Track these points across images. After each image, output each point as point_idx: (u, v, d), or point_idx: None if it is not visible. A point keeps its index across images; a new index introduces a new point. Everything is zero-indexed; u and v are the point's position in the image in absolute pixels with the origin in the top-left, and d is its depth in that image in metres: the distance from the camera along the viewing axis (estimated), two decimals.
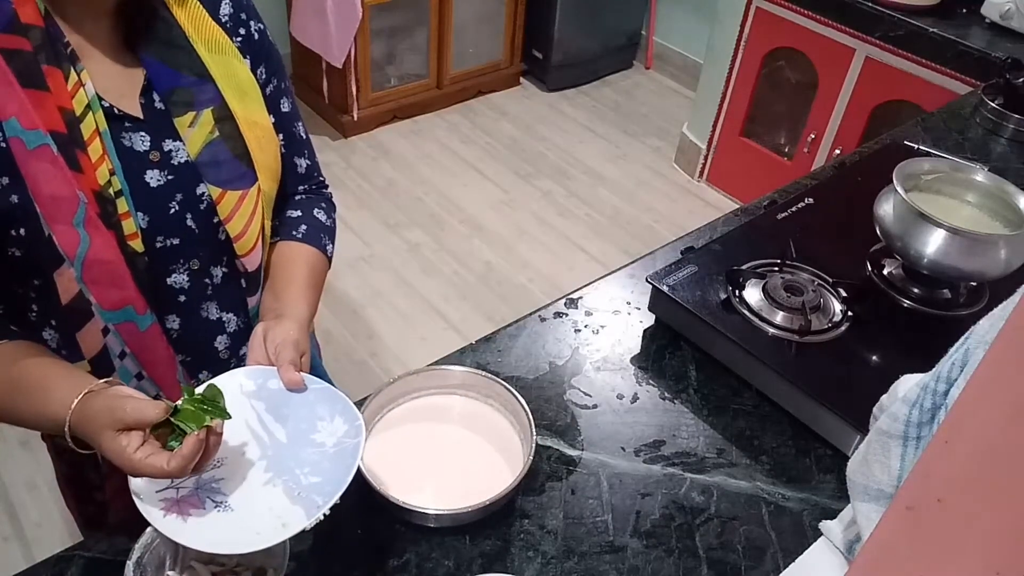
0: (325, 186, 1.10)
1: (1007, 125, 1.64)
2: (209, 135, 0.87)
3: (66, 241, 0.78)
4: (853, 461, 0.83)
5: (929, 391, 0.73)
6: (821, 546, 0.86)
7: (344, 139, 3.29)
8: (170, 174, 0.86)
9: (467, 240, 2.86)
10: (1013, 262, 1.04)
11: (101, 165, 0.80)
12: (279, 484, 0.75)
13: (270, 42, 0.98)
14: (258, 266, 0.95)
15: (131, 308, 0.85)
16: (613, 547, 0.85)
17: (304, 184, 1.05)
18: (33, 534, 1.87)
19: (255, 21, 0.95)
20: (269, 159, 0.93)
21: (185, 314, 0.93)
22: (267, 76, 0.96)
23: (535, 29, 3.59)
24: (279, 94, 0.99)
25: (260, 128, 0.92)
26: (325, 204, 1.07)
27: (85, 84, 0.79)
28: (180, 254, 0.89)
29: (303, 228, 1.01)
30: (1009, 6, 2.21)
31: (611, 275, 1.23)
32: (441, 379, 0.97)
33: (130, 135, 0.84)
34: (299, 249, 0.99)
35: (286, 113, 1.00)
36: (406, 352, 2.39)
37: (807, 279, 1.10)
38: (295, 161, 1.02)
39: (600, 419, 0.99)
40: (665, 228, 2.99)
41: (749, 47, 2.80)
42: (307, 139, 1.05)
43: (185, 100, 0.86)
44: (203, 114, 0.87)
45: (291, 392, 0.82)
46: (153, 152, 0.85)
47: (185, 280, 0.91)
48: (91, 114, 0.80)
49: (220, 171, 0.88)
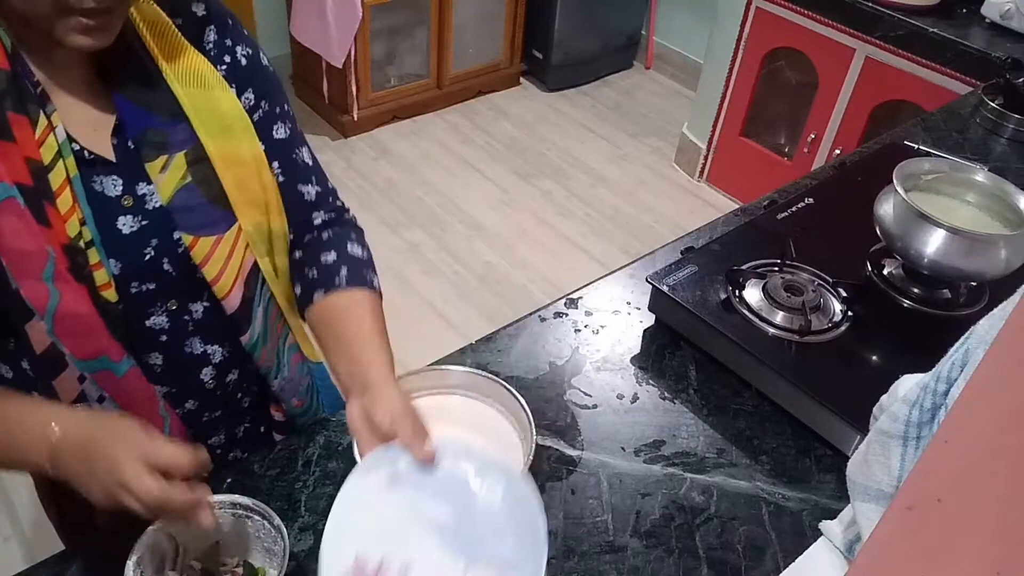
0: (345, 211, 1.01)
1: (1007, 125, 1.64)
2: (181, 180, 0.83)
3: (35, 296, 0.75)
4: (853, 461, 0.83)
5: (929, 391, 0.73)
6: (821, 546, 0.86)
7: (344, 139, 3.29)
8: (144, 219, 0.82)
9: (467, 240, 2.86)
10: (1013, 262, 1.04)
11: (71, 216, 0.76)
12: (479, 565, 0.70)
13: (262, 66, 0.92)
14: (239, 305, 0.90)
15: (106, 357, 0.82)
16: (613, 547, 0.85)
17: (318, 211, 0.97)
18: (33, 534, 1.87)
19: (243, 46, 0.90)
20: (255, 195, 0.88)
21: (167, 351, 0.89)
22: (255, 101, 0.90)
23: (535, 29, 3.59)
24: (271, 120, 0.92)
25: (243, 164, 0.87)
26: (355, 234, 0.99)
27: (56, 127, 0.75)
28: (157, 297, 0.86)
29: (344, 272, 0.92)
30: (1009, 6, 2.21)
31: (611, 275, 1.23)
32: (441, 379, 0.97)
33: (101, 179, 0.80)
34: (352, 299, 0.91)
35: (281, 140, 0.93)
36: (406, 352, 2.38)
37: (807, 279, 1.10)
38: (299, 189, 0.95)
39: (600, 419, 0.99)
40: (665, 228, 2.99)
41: (749, 47, 2.80)
42: (313, 165, 0.97)
43: (157, 142, 0.82)
44: (175, 157, 0.82)
45: (425, 465, 0.74)
46: (125, 197, 0.81)
47: (164, 321, 0.87)
48: (61, 161, 0.76)
49: (193, 216, 0.84)
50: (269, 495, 0.88)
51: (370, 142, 3.30)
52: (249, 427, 1.05)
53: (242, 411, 1.02)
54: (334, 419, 0.98)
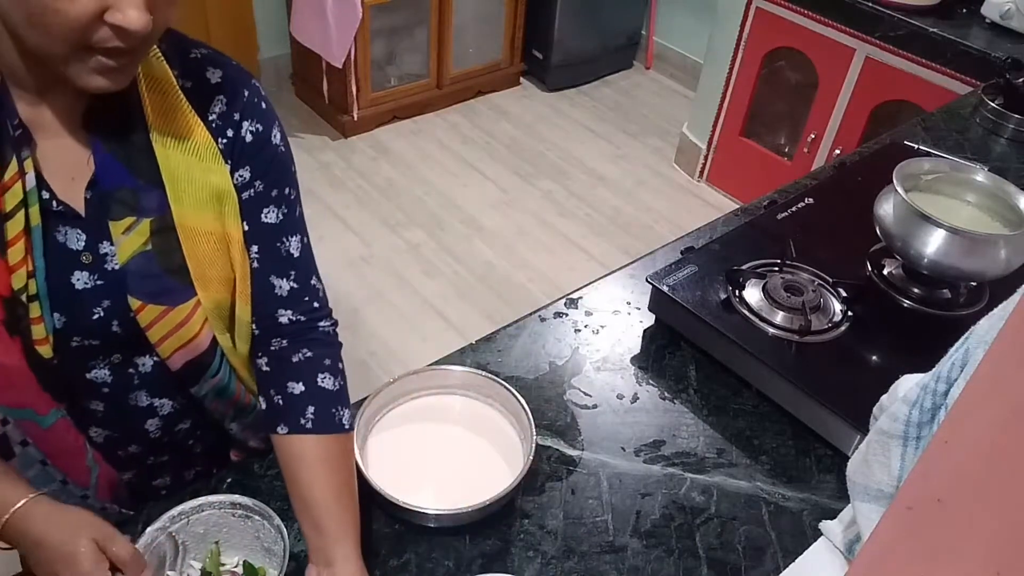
0: (322, 316, 0.90)
1: (1007, 125, 1.64)
2: (141, 246, 0.79)
3: None
4: (853, 461, 0.83)
5: (929, 391, 0.73)
6: (821, 546, 0.86)
7: (344, 139, 3.29)
8: (100, 279, 0.78)
9: (467, 240, 2.86)
10: (1013, 262, 1.04)
11: (20, 268, 0.73)
12: None
13: (271, 145, 0.85)
14: (182, 367, 0.86)
15: (31, 410, 0.79)
16: (613, 547, 0.85)
17: (286, 310, 0.88)
18: None
19: (252, 122, 0.83)
20: (225, 273, 0.84)
21: (110, 400, 0.86)
22: (249, 180, 0.84)
23: (535, 29, 3.59)
24: (263, 202, 0.85)
25: (217, 239, 0.82)
26: (328, 359, 0.89)
27: (27, 174, 0.72)
28: (99, 352, 0.82)
29: (311, 412, 0.84)
30: (1009, 6, 2.21)
31: (611, 275, 1.23)
32: (441, 379, 0.97)
33: (66, 230, 0.76)
34: (317, 449, 0.83)
35: (269, 225, 0.85)
36: (406, 352, 2.39)
37: (807, 279, 1.10)
38: (271, 280, 0.87)
39: (600, 419, 0.99)
40: (665, 228, 2.99)
41: (749, 47, 2.80)
42: (300, 258, 0.88)
43: (127, 203, 0.78)
44: (141, 223, 0.79)
45: None
46: (85, 253, 0.78)
47: (107, 374, 0.84)
48: (23, 210, 0.72)
49: (146, 283, 0.80)
50: (269, 495, 0.88)
51: (370, 142, 3.30)
52: (201, 470, 1.02)
53: (193, 456, 0.99)
54: None
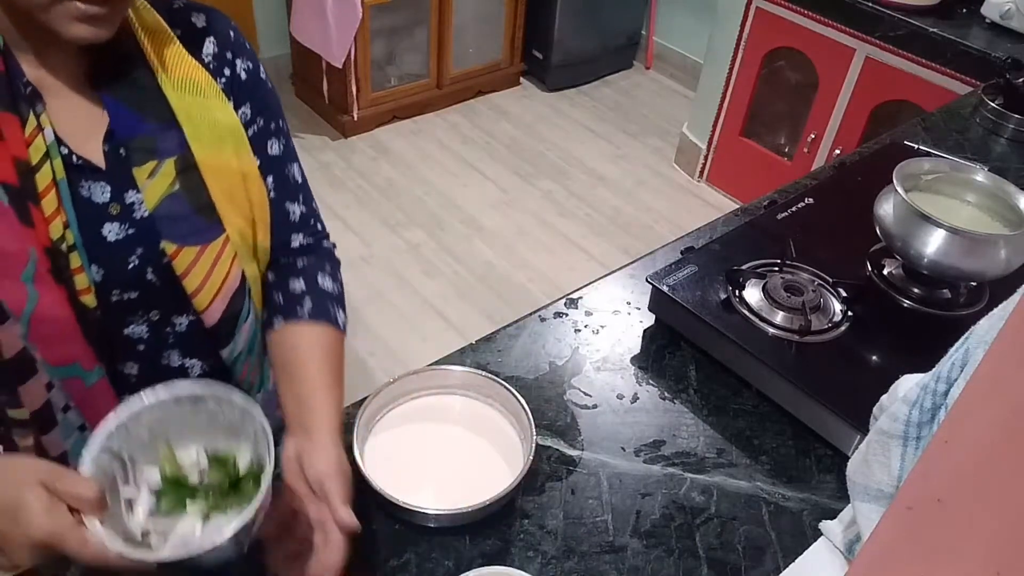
0: (324, 236, 1.00)
1: (1007, 125, 1.64)
2: (169, 187, 0.82)
3: (12, 298, 0.73)
4: (853, 461, 0.83)
5: (929, 391, 0.73)
6: (821, 546, 0.86)
7: (344, 139, 3.29)
8: (130, 228, 0.80)
9: (467, 240, 2.86)
10: (1013, 262, 1.04)
11: (55, 219, 0.75)
12: None
13: (261, 80, 0.91)
14: (219, 320, 0.88)
15: (78, 364, 0.80)
16: (613, 547, 0.85)
17: (299, 233, 0.96)
18: None
19: (243, 60, 0.89)
20: (243, 208, 0.87)
21: (144, 361, 0.87)
22: (251, 116, 0.89)
23: (535, 29, 3.59)
24: (266, 135, 0.91)
25: (233, 174, 0.86)
26: (329, 265, 0.97)
27: (44, 129, 0.74)
28: (138, 307, 0.84)
29: (308, 305, 0.90)
30: (1009, 6, 2.21)
31: (611, 275, 1.23)
32: (441, 379, 0.97)
33: (89, 185, 0.78)
34: (311, 335, 0.88)
35: (275, 156, 0.92)
36: (406, 352, 2.39)
37: (807, 279, 1.10)
38: (286, 207, 0.94)
39: (600, 419, 0.99)
40: (665, 228, 2.99)
41: (749, 47, 2.80)
42: (303, 184, 0.97)
43: (147, 148, 0.80)
44: (165, 164, 0.81)
45: None
46: (113, 204, 0.80)
47: (144, 331, 0.86)
48: (48, 163, 0.74)
49: (178, 226, 0.82)
50: None
51: (370, 142, 3.30)
52: None
53: None
54: None
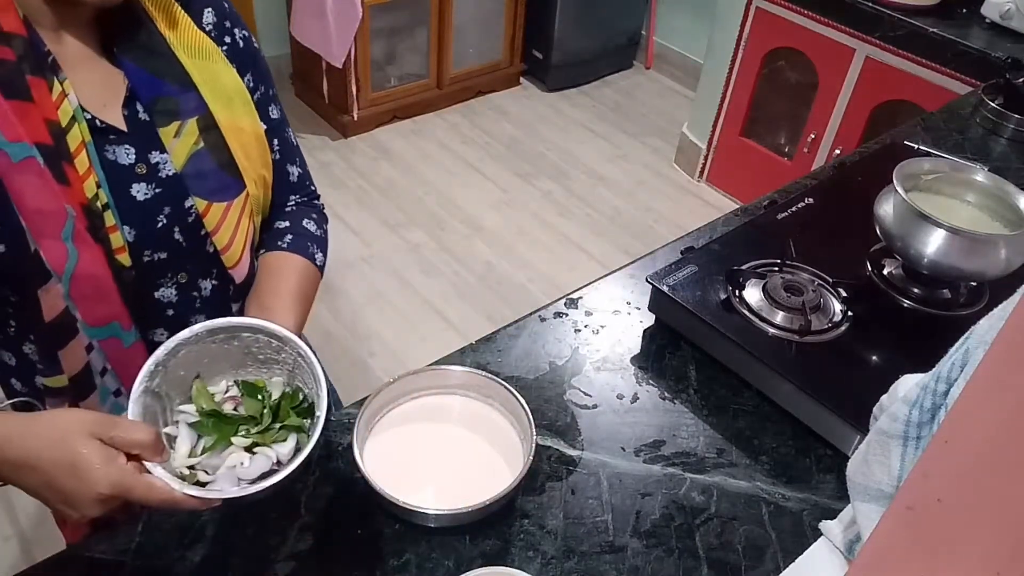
0: (316, 196, 1.07)
1: (1007, 125, 1.64)
2: (194, 146, 0.85)
3: (54, 256, 0.76)
4: (853, 461, 0.83)
5: (929, 391, 0.73)
6: (821, 546, 0.86)
7: (344, 139, 3.29)
8: (157, 187, 0.84)
9: (467, 240, 2.86)
10: (1013, 262, 1.04)
11: (88, 178, 0.78)
12: None
13: (255, 48, 0.96)
14: (246, 277, 0.94)
15: (117, 324, 0.83)
16: (613, 547, 0.85)
17: (296, 194, 1.03)
18: (33, 534, 1.87)
19: (239, 28, 0.93)
20: (257, 165, 0.92)
21: (173, 327, 0.90)
22: (255, 83, 0.94)
23: (535, 29, 3.59)
24: (267, 101, 0.97)
25: (247, 134, 0.90)
26: (316, 215, 1.04)
27: (68, 94, 0.77)
28: (168, 268, 0.88)
29: (288, 238, 0.98)
30: (1009, 6, 2.21)
31: (611, 275, 1.23)
32: (441, 379, 0.97)
33: (114, 148, 0.82)
34: (285, 259, 0.96)
35: (276, 119, 0.98)
36: (406, 352, 2.39)
37: (807, 279, 1.10)
38: (287, 169, 1.00)
39: (600, 419, 0.99)
40: (665, 228, 2.99)
41: (749, 47, 2.80)
42: (297, 146, 1.03)
43: (169, 109, 0.84)
44: (188, 124, 0.85)
45: None
46: (139, 165, 0.83)
47: (173, 294, 0.89)
48: (76, 125, 0.77)
49: (206, 182, 0.86)
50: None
51: (370, 142, 3.30)
52: None
53: None
54: (334, 419, 0.98)
